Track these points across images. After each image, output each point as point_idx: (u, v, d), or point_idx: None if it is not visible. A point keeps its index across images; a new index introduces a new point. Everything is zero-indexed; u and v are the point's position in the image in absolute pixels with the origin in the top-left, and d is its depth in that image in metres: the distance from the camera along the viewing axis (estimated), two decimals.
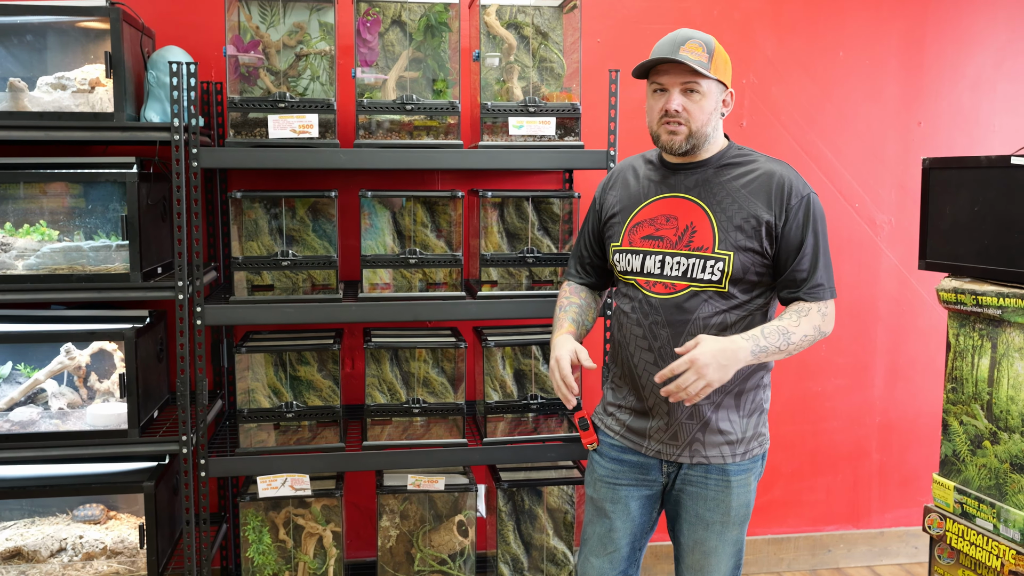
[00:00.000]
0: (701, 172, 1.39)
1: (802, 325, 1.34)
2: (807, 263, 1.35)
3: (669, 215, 1.39)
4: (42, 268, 1.75)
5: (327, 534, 1.95)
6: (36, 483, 1.81)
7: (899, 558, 2.52)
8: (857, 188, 2.40)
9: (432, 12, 1.90)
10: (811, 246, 1.35)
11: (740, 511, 1.41)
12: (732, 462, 1.39)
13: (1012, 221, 1.56)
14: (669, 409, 1.38)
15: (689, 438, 1.38)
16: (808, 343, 1.35)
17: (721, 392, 1.37)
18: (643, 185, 1.44)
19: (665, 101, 1.34)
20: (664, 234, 1.38)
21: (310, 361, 1.95)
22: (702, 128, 1.35)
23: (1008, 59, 2.41)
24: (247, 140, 1.79)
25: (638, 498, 1.45)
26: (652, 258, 1.38)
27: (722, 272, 1.34)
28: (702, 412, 1.37)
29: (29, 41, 1.80)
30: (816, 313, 1.35)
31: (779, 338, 1.31)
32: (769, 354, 1.31)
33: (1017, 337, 1.55)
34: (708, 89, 1.33)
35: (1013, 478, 1.56)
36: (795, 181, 1.37)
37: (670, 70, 1.33)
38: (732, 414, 1.39)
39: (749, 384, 1.40)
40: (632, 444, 1.44)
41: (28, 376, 1.89)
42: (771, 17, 2.30)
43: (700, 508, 1.40)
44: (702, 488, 1.40)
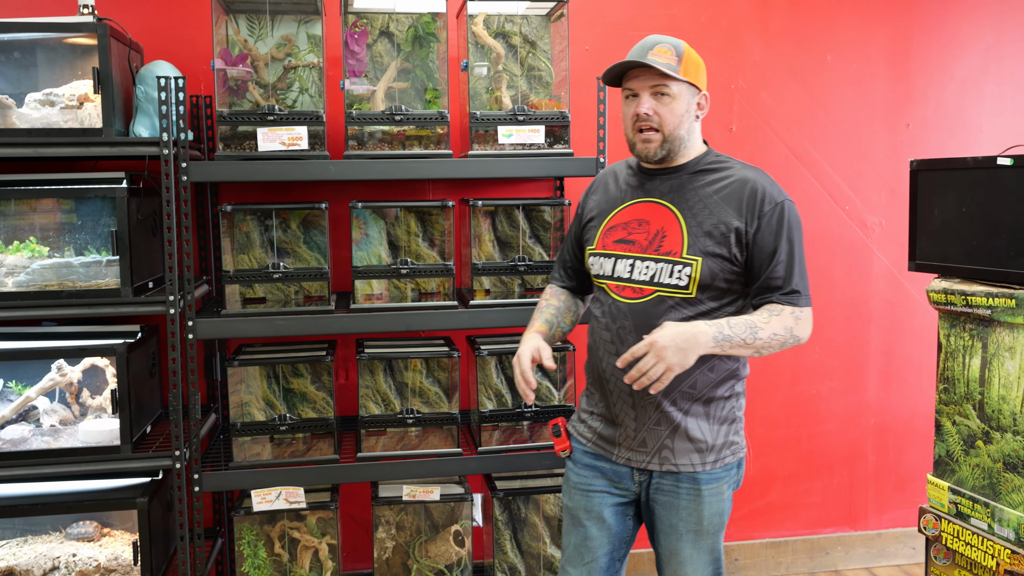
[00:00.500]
0: (676, 177, 1.38)
1: (772, 323, 1.31)
2: (782, 270, 1.33)
3: (642, 219, 1.38)
4: (32, 285, 1.75)
5: (323, 547, 1.94)
6: (28, 501, 1.80)
7: (897, 559, 2.52)
8: (847, 190, 2.41)
9: (420, 22, 1.91)
10: (786, 253, 1.33)
11: (713, 520, 1.38)
12: (703, 470, 1.36)
13: (999, 221, 1.57)
14: (637, 415, 1.37)
15: (658, 445, 1.36)
16: (778, 344, 1.32)
17: (689, 399, 1.35)
18: (621, 190, 1.44)
19: (636, 105, 1.34)
20: (636, 238, 1.38)
21: (303, 373, 1.94)
22: (675, 131, 1.34)
23: (994, 61, 2.43)
24: (236, 153, 1.80)
25: (612, 506, 1.43)
26: (623, 262, 1.38)
27: (689, 277, 1.32)
28: (671, 418, 1.35)
29: (17, 58, 1.80)
30: (789, 315, 1.32)
31: (745, 330, 1.28)
32: (733, 345, 1.28)
33: (1007, 336, 1.56)
34: (679, 92, 1.33)
35: (1006, 477, 1.56)
36: (769, 188, 1.35)
37: (640, 75, 1.33)
38: (702, 422, 1.36)
39: (719, 392, 1.37)
40: (603, 451, 1.42)
41: (19, 393, 1.88)
42: (758, 23, 2.31)
43: (673, 518, 1.38)
44: (673, 497, 1.37)
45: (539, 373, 2.03)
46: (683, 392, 1.35)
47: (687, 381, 1.34)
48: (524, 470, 1.99)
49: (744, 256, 1.33)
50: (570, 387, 2.03)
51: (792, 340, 1.33)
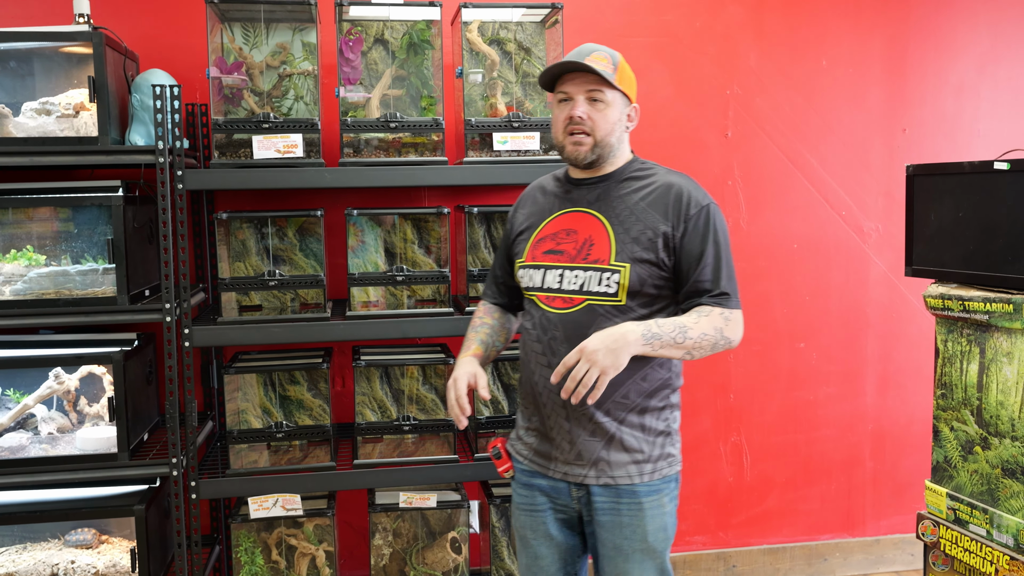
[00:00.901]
0: (603, 186, 1.38)
1: (701, 323, 1.29)
2: (710, 272, 1.31)
3: (570, 229, 1.37)
4: (29, 293, 1.75)
5: (320, 554, 1.94)
6: (27, 509, 1.81)
7: (895, 565, 2.51)
8: (843, 196, 2.41)
9: (414, 30, 1.91)
10: (712, 255, 1.32)
11: (658, 536, 1.35)
12: (641, 482, 1.33)
13: (996, 226, 1.57)
14: (571, 427, 1.34)
15: (594, 457, 1.34)
16: (708, 345, 1.29)
17: (623, 409, 1.33)
18: (549, 201, 1.43)
19: (570, 108, 1.33)
20: (564, 248, 1.36)
21: (300, 380, 1.94)
22: (606, 138, 1.34)
23: (990, 64, 2.43)
24: (232, 161, 1.80)
25: (556, 523, 1.40)
26: (552, 273, 1.36)
27: (618, 284, 1.31)
28: (605, 428, 1.33)
29: (13, 67, 1.81)
30: (719, 316, 1.30)
31: (674, 330, 1.27)
32: (664, 344, 1.26)
33: (1005, 342, 1.55)
34: (613, 99, 1.34)
35: (1005, 483, 1.55)
36: (694, 192, 1.35)
37: (576, 78, 1.33)
38: (637, 432, 1.34)
39: (653, 402, 1.36)
40: (540, 468, 1.39)
41: (17, 401, 1.89)
42: (753, 28, 2.31)
43: (617, 538, 1.34)
44: (615, 515, 1.34)
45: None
46: (616, 402, 1.33)
47: (619, 391, 1.32)
48: None
49: (672, 260, 1.32)
50: None
51: (723, 342, 1.31)
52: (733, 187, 2.35)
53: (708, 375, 2.37)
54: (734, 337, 1.32)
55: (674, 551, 2.40)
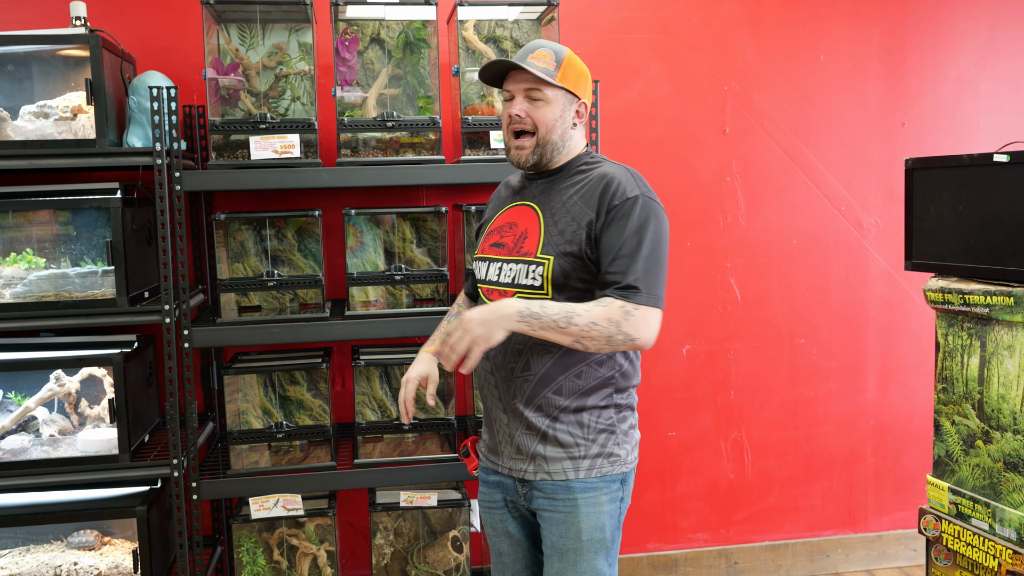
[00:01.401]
0: (549, 181, 1.37)
1: (593, 312, 1.22)
2: (622, 264, 1.25)
3: (512, 222, 1.37)
4: (29, 296, 1.76)
5: (321, 554, 1.94)
6: (30, 511, 1.81)
7: (898, 561, 2.50)
8: (843, 191, 2.40)
9: (410, 29, 1.91)
10: (630, 248, 1.25)
11: (593, 536, 1.31)
12: (576, 477, 1.30)
13: (996, 219, 1.56)
14: (508, 420, 1.34)
15: (531, 452, 1.33)
16: (601, 337, 1.22)
17: (555, 407, 1.31)
18: (507, 195, 1.44)
19: (510, 107, 1.33)
20: (505, 241, 1.37)
21: (300, 381, 1.95)
22: (547, 136, 1.32)
23: (990, 58, 2.42)
24: (230, 162, 1.80)
25: (514, 520, 1.40)
26: (494, 265, 1.37)
27: (543, 277, 1.29)
28: (537, 425, 1.31)
29: (11, 71, 1.81)
30: (617, 309, 1.22)
31: (559, 313, 1.22)
32: (544, 326, 1.22)
33: (1006, 335, 1.55)
34: (553, 97, 1.32)
35: (1007, 477, 1.55)
36: (626, 184, 1.29)
37: (516, 76, 1.33)
38: (574, 428, 1.32)
39: (592, 400, 1.32)
40: (491, 464, 1.40)
41: (19, 404, 1.89)
42: (750, 24, 2.31)
43: (554, 536, 1.33)
44: (552, 511, 1.33)
45: None
46: (547, 399, 1.31)
47: (550, 387, 1.30)
48: None
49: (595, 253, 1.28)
50: None
51: (622, 337, 1.23)
52: (732, 183, 2.34)
53: (708, 372, 2.37)
54: (638, 335, 1.23)
55: (676, 548, 2.39)
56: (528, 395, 1.31)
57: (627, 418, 1.37)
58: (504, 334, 1.22)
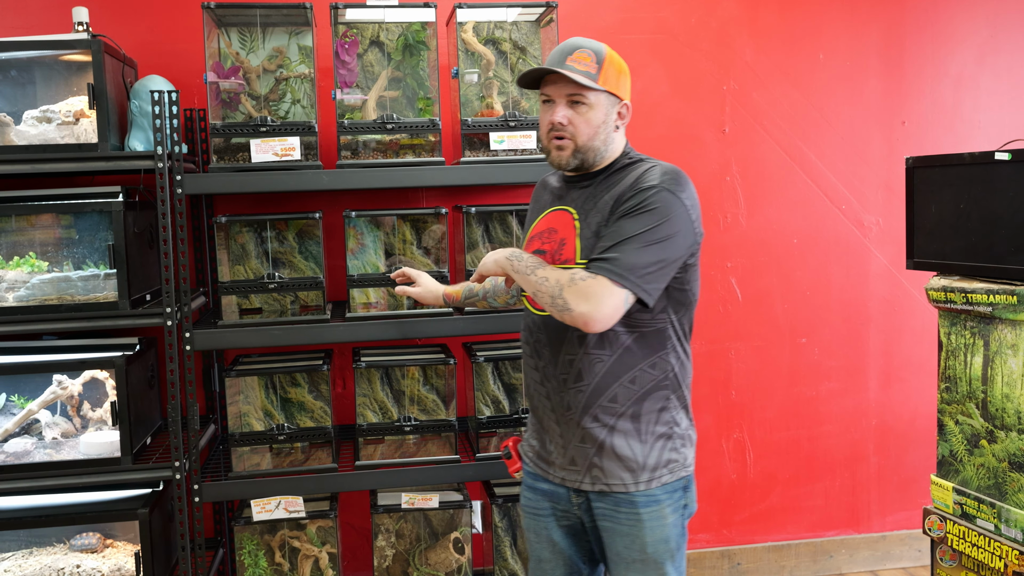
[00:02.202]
0: (589, 185, 1.32)
1: (548, 270, 1.22)
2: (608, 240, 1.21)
3: (552, 228, 1.34)
4: (32, 299, 1.77)
5: (323, 556, 1.94)
6: (32, 513, 1.82)
7: (902, 561, 2.49)
8: (843, 190, 2.40)
9: (409, 31, 1.92)
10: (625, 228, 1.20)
11: (659, 547, 1.29)
12: (637, 490, 1.28)
13: (998, 217, 1.56)
14: (562, 431, 1.31)
15: (587, 463, 1.29)
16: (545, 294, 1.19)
17: (612, 414, 1.28)
18: (547, 198, 1.40)
19: (551, 113, 1.28)
20: (547, 248, 1.33)
21: (301, 383, 1.95)
22: (588, 142, 1.27)
23: (990, 55, 2.41)
24: (230, 165, 1.81)
25: (560, 528, 1.37)
26: None
27: None
28: (594, 435, 1.28)
29: (13, 76, 1.83)
30: (567, 274, 1.19)
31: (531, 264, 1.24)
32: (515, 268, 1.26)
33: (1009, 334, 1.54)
34: (596, 101, 1.26)
35: (1012, 477, 1.54)
36: (650, 176, 1.24)
37: (556, 81, 1.26)
38: (632, 439, 1.28)
39: (648, 405, 1.29)
40: (542, 471, 1.37)
41: (21, 407, 1.90)
42: (748, 23, 2.31)
43: (618, 545, 1.30)
44: (615, 523, 1.30)
45: None
46: (603, 407, 1.27)
47: (606, 395, 1.27)
48: None
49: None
50: None
51: (561, 302, 1.17)
52: (731, 183, 2.34)
53: (709, 372, 2.37)
54: (576, 307, 1.16)
55: None
56: (583, 406, 1.28)
57: (683, 418, 1.33)
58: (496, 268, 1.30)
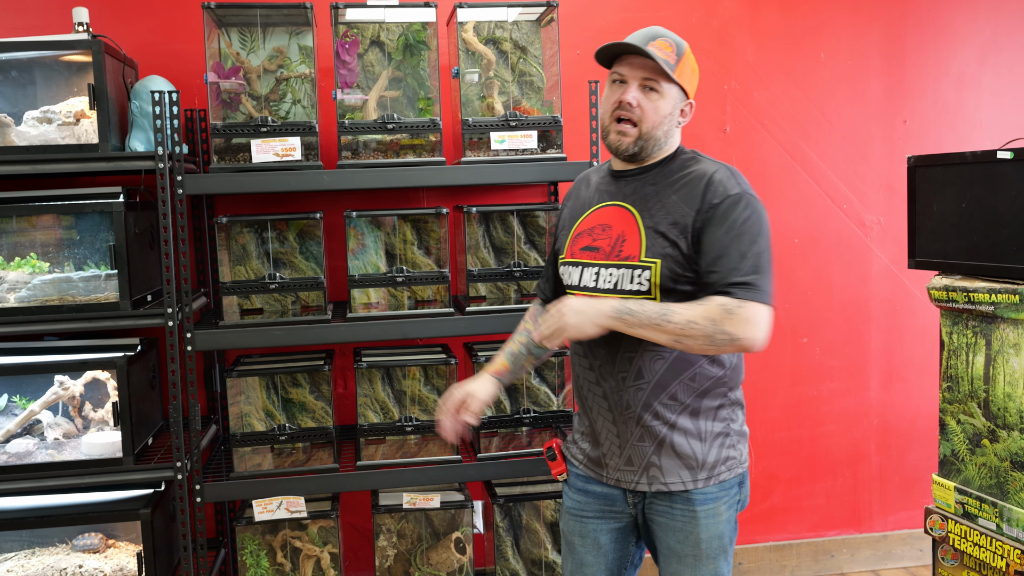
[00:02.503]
0: (642, 179, 1.31)
1: (692, 311, 1.17)
2: (727, 263, 1.19)
3: (606, 224, 1.31)
4: (33, 300, 1.77)
5: (324, 556, 1.95)
6: (34, 514, 1.82)
7: (904, 561, 2.49)
8: (844, 189, 2.39)
9: (410, 31, 1.92)
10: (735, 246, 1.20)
11: (712, 544, 1.29)
12: (695, 488, 1.27)
13: (999, 216, 1.56)
14: (619, 431, 1.30)
15: (644, 462, 1.29)
16: (701, 336, 1.16)
17: (672, 411, 1.27)
18: (591, 194, 1.38)
19: (621, 92, 1.26)
20: (600, 244, 1.31)
21: (302, 383, 1.95)
22: (652, 131, 1.27)
23: (991, 53, 2.40)
24: (231, 166, 1.81)
25: (608, 531, 1.36)
26: (589, 270, 1.31)
27: (650, 282, 1.24)
28: (654, 432, 1.27)
29: (14, 77, 1.83)
30: (717, 307, 1.16)
31: (656, 312, 1.18)
32: (641, 323, 1.18)
33: (1011, 333, 1.54)
34: (668, 92, 1.26)
35: (1014, 476, 1.54)
36: (727, 181, 1.24)
37: (634, 62, 1.25)
38: (691, 436, 1.28)
39: (706, 403, 1.28)
40: (594, 474, 1.36)
41: (23, 408, 1.90)
42: (749, 23, 2.30)
43: (671, 541, 1.30)
44: (669, 519, 1.30)
45: (537, 378, 2.03)
46: (664, 404, 1.27)
47: (666, 392, 1.27)
48: (524, 476, 1.99)
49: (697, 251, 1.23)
50: (568, 392, 2.03)
51: (723, 337, 1.16)
52: None
53: None
54: (742, 335, 1.15)
55: None
56: (642, 404, 1.27)
57: (739, 416, 1.33)
58: (595, 330, 1.20)
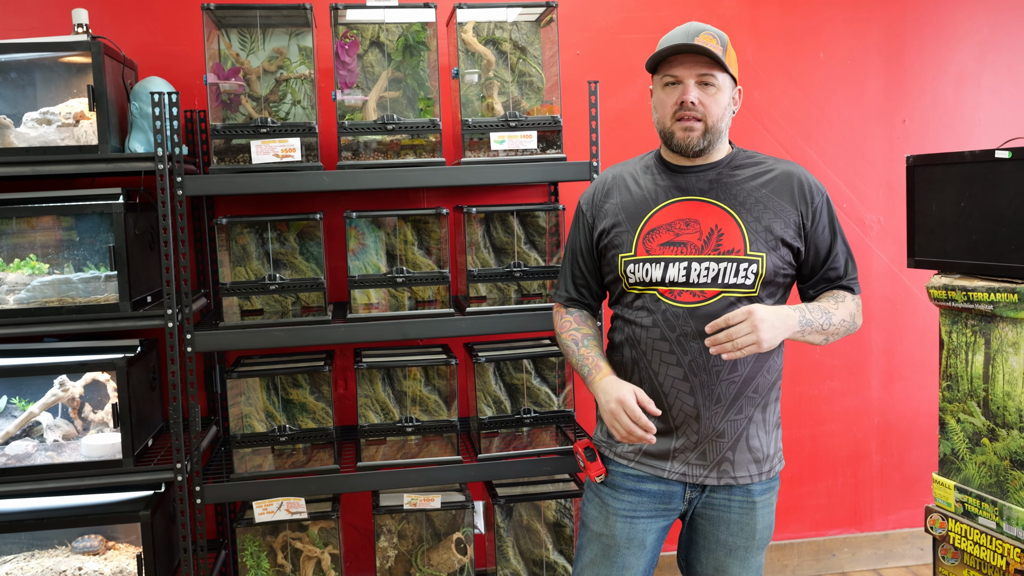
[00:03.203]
0: (714, 173, 1.33)
1: (840, 310, 1.33)
2: (841, 260, 1.37)
3: (689, 219, 1.32)
4: (33, 302, 1.77)
5: (325, 557, 1.94)
6: (34, 516, 1.81)
7: (905, 560, 2.49)
8: (844, 188, 2.40)
9: (410, 32, 1.92)
10: (841, 244, 1.37)
11: (764, 534, 1.35)
12: (758, 481, 1.33)
13: (998, 215, 1.56)
14: (700, 427, 1.30)
15: (719, 457, 1.31)
16: (844, 330, 1.33)
17: (752, 404, 1.32)
18: (649, 190, 1.36)
19: (681, 93, 1.27)
20: (687, 239, 1.31)
21: (302, 384, 1.95)
22: (717, 124, 1.29)
23: (990, 52, 2.41)
24: (231, 166, 1.81)
25: (656, 531, 1.37)
26: (676, 265, 1.30)
27: (756, 275, 1.29)
28: (736, 426, 1.30)
29: (13, 78, 1.82)
30: (851, 302, 1.35)
31: (822, 316, 1.30)
32: (813, 329, 1.29)
33: (1010, 332, 1.54)
34: (723, 83, 1.28)
35: (1014, 475, 1.54)
36: (812, 180, 1.36)
37: (685, 61, 1.27)
38: (760, 429, 1.33)
39: (772, 395, 1.36)
40: (651, 470, 1.33)
41: (23, 409, 1.90)
42: (749, 23, 2.31)
43: (722, 533, 1.32)
44: (725, 512, 1.32)
45: (538, 379, 2.03)
46: (748, 397, 1.30)
47: (751, 385, 1.31)
48: (525, 476, 1.99)
49: (804, 249, 1.34)
50: (569, 392, 2.03)
51: (853, 328, 1.35)
52: None
53: None
54: (860, 322, 1.37)
55: None
56: (733, 396, 1.30)
57: (779, 408, 1.41)
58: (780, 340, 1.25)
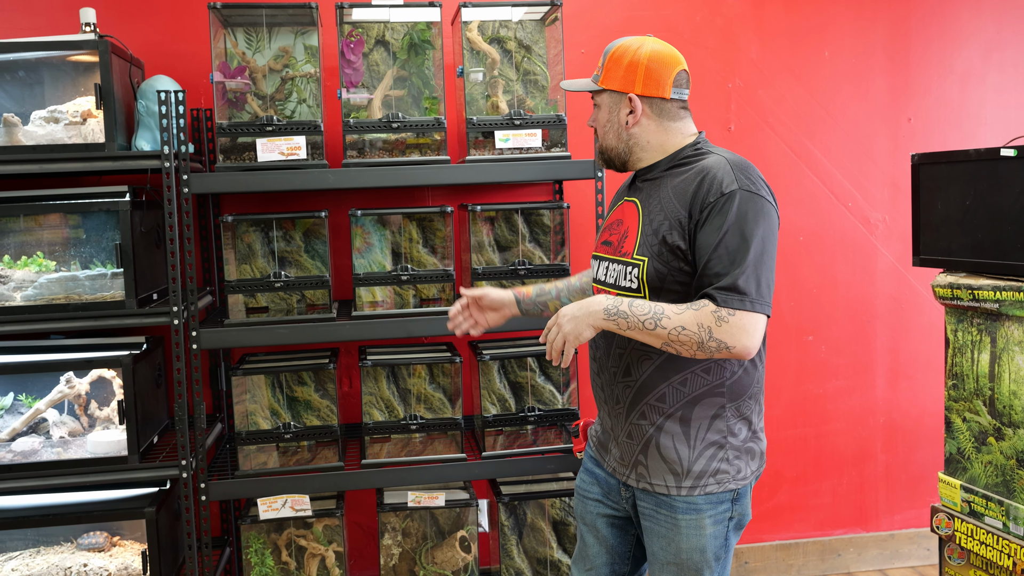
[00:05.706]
0: (650, 176, 1.32)
1: (684, 316, 1.14)
2: (718, 264, 1.15)
3: (620, 219, 1.35)
4: (40, 299, 1.77)
5: (329, 554, 1.95)
6: (40, 512, 1.82)
7: (911, 560, 2.48)
8: (849, 187, 2.39)
9: (415, 30, 1.92)
10: (728, 246, 1.15)
11: (693, 556, 1.25)
12: (677, 495, 1.24)
13: (1004, 213, 1.56)
14: (613, 424, 1.32)
15: (633, 459, 1.29)
16: (691, 342, 1.14)
17: (659, 414, 1.25)
18: (621, 191, 1.43)
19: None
20: (612, 239, 1.34)
21: (307, 381, 1.95)
22: (603, 142, 1.34)
23: (996, 51, 2.40)
24: (237, 164, 1.82)
25: (605, 517, 1.38)
26: (603, 264, 1.34)
27: (638, 279, 1.23)
28: (640, 431, 1.27)
29: (22, 77, 1.83)
30: (709, 313, 1.13)
31: (647, 313, 1.16)
32: (631, 326, 1.16)
33: (1016, 331, 1.53)
34: (601, 101, 1.33)
35: (1020, 474, 1.53)
36: (724, 177, 1.18)
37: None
38: (679, 442, 1.24)
39: (698, 411, 1.24)
40: (600, 458, 1.39)
41: (29, 406, 1.91)
42: (754, 21, 2.31)
43: (654, 545, 1.29)
44: (654, 523, 1.28)
45: (543, 376, 2.03)
46: (651, 405, 1.26)
47: (653, 393, 1.25)
48: (529, 474, 1.99)
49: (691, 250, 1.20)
50: (573, 391, 2.03)
51: (714, 344, 1.14)
52: None
53: None
54: (733, 342, 1.13)
55: None
56: (630, 402, 1.27)
57: (742, 429, 1.27)
58: (592, 331, 1.20)
